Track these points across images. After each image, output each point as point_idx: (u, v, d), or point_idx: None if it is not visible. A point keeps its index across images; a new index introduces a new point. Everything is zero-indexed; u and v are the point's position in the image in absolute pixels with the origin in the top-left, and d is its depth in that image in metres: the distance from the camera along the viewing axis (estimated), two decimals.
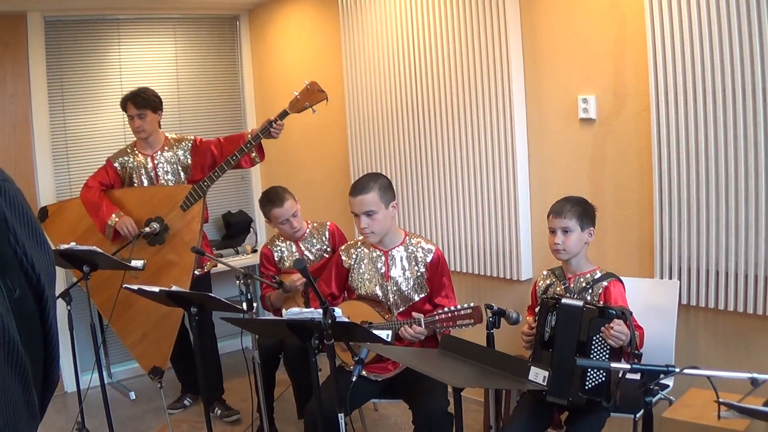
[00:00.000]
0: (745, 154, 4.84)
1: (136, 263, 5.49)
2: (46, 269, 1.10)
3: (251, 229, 8.51)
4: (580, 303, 4.46)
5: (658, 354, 4.85)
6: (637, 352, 4.23)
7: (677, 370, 3.40)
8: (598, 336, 4.36)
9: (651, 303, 5.21)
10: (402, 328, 4.88)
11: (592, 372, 4.38)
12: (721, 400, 3.29)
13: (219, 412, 6.62)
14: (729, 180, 4.94)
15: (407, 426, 6.40)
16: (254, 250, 8.26)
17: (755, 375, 3.22)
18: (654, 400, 4.74)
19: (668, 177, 5.20)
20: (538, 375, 3.44)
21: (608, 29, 5.51)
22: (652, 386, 3.40)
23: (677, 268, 5.26)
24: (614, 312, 4.29)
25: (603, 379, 4.40)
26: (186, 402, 7.11)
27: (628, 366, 3.54)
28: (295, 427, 6.52)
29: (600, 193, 5.63)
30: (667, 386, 5.05)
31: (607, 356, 4.40)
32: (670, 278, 5.28)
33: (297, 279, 5.80)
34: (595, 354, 4.39)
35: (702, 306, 5.21)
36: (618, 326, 4.30)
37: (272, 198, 6.04)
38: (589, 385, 4.39)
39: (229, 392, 6.97)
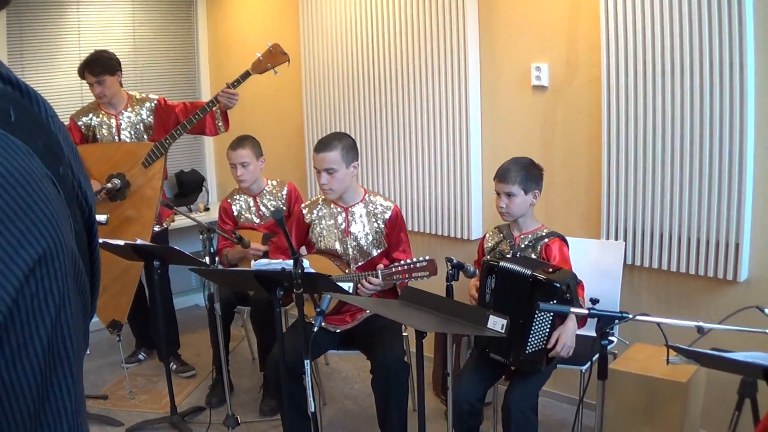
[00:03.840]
0: (691, 124, 5.15)
1: (99, 218, 5.45)
2: (93, 200, 1.19)
3: (203, 188, 8.64)
4: (518, 268, 4.65)
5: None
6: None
7: (631, 316, 3.69)
8: (540, 313, 4.59)
9: (598, 263, 5.52)
10: (361, 280, 5.12)
11: (532, 339, 4.61)
12: (670, 344, 3.55)
13: (174, 367, 6.72)
14: (675, 147, 5.25)
15: (358, 379, 6.66)
16: (206, 209, 8.43)
17: (701, 323, 3.51)
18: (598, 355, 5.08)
19: (616, 144, 5.50)
20: (496, 323, 3.66)
21: (563, 0, 5.78)
22: (607, 330, 3.67)
23: (623, 230, 5.57)
24: (559, 285, 4.47)
25: (542, 346, 4.64)
26: (141, 356, 7.24)
27: (586, 311, 3.81)
28: (249, 380, 6.77)
29: (550, 157, 5.91)
30: (612, 342, 5.33)
31: (550, 322, 4.63)
32: (616, 240, 5.60)
33: (255, 249, 6.00)
34: (537, 322, 4.61)
35: (646, 266, 5.53)
36: (565, 342, 4.61)
37: (235, 141, 6.28)
38: (529, 350, 4.63)
39: (183, 348, 7.11)
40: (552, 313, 4.57)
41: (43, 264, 0.91)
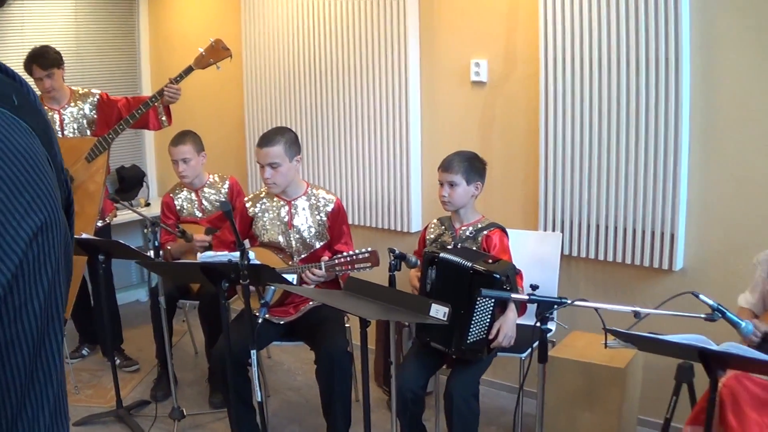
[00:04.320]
0: (626, 117, 5.30)
1: None
2: (69, 182, 1.27)
3: (144, 183, 8.59)
4: (458, 260, 4.74)
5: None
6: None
7: (569, 301, 3.80)
8: (482, 300, 4.66)
9: (536, 254, 5.62)
10: (305, 271, 5.20)
11: (473, 329, 4.69)
12: (607, 327, 3.66)
13: (118, 362, 6.59)
14: (611, 140, 5.39)
15: (300, 371, 6.72)
16: (147, 204, 8.42)
17: (637, 308, 3.62)
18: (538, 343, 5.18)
19: (553, 137, 5.63)
20: (438, 311, 3.75)
21: None
22: (547, 315, 3.78)
23: (560, 221, 5.71)
24: (499, 276, 4.56)
25: (483, 336, 4.74)
26: (84, 351, 7.20)
27: (526, 297, 3.92)
28: (192, 374, 6.79)
29: (489, 151, 5.99)
30: (550, 330, 5.44)
31: (491, 312, 4.72)
32: (554, 231, 5.74)
33: (200, 240, 6.04)
34: (478, 312, 4.69)
35: (583, 257, 5.68)
36: (506, 333, 4.73)
37: (176, 136, 6.32)
38: (471, 340, 4.72)
39: (125, 343, 7.11)
40: (493, 304, 4.68)
41: (44, 231, 1.02)
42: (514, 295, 4.03)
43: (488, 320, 4.72)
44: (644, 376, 5.40)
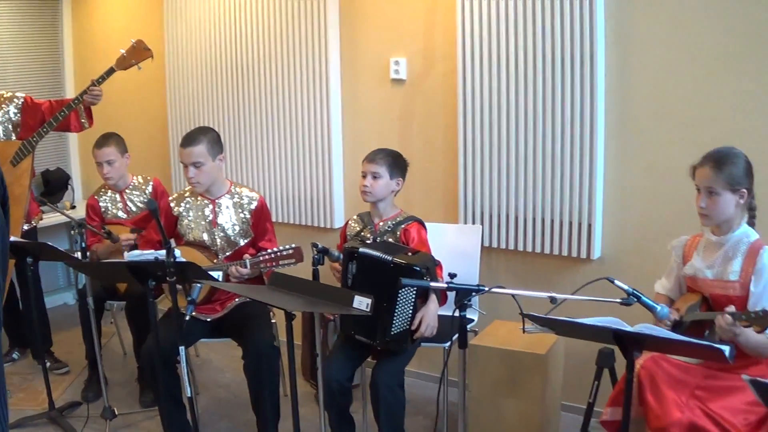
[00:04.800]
0: (543, 112, 5.42)
1: None
2: (3, 179, 1.24)
3: (69, 186, 8.48)
4: (378, 254, 4.79)
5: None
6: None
7: (486, 288, 3.86)
8: (405, 289, 4.71)
9: (456, 246, 5.70)
10: (230, 269, 5.22)
11: (396, 321, 4.75)
12: (524, 312, 3.72)
13: (48, 364, 6.43)
14: (528, 135, 5.50)
15: (229, 369, 6.73)
16: (73, 206, 8.31)
17: (554, 294, 3.69)
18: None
19: (471, 133, 5.72)
20: (361, 302, 3.80)
21: None
22: (465, 302, 3.83)
23: (480, 214, 5.81)
24: (419, 269, 4.62)
25: (407, 327, 4.79)
26: (14, 355, 7.13)
27: (444, 285, 3.98)
28: (122, 374, 6.76)
29: (409, 147, 6.07)
30: (473, 320, 5.52)
31: (413, 304, 4.78)
32: (474, 223, 5.82)
33: (126, 239, 6.01)
34: (400, 304, 4.74)
35: (503, 248, 5.78)
36: (429, 323, 4.81)
37: (99, 139, 6.30)
38: (394, 332, 4.77)
39: (54, 345, 7.06)
40: (414, 295, 4.73)
41: None
42: (432, 284, 4.10)
43: (410, 312, 4.78)
44: (566, 363, 5.48)
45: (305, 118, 6.61)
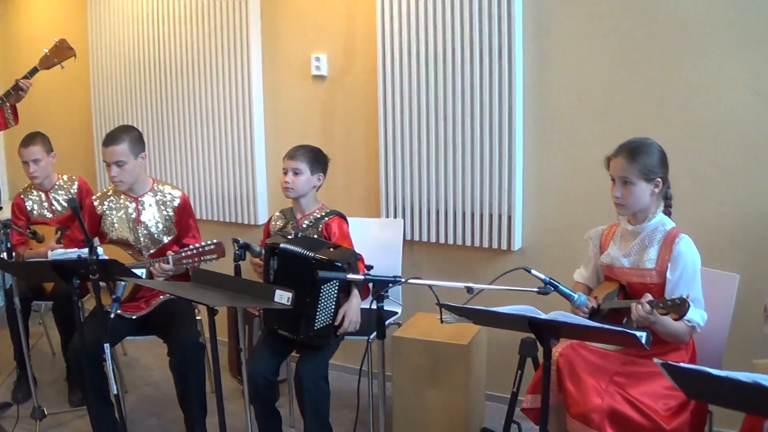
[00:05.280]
0: (462, 106, 5.45)
1: None
2: None
3: None
4: (299, 249, 4.75)
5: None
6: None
7: (403, 279, 3.85)
8: (327, 284, 4.70)
9: (379, 240, 5.71)
10: (153, 266, 5.17)
11: (320, 316, 4.73)
12: (441, 302, 3.71)
13: None
14: (447, 129, 5.52)
15: (156, 366, 6.69)
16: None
17: (470, 284, 3.68)
18: (390, 321, 5.25)
19: (392, 128, 5.73)
20: (282, 296, 3.78)
21: None
22: (382, 293, 3.81)
23: (401, 208, 5.82)
24: (340, 264, 4.60)
25: (330, 322, 4.78)
26: None
27: (362, 277, 3.97)
28: (51, 374, 6.67)
29: (331, 142, 6.09)
30: (396, 313, 5.56)
31: (335, 299, 4.77)
32: (395, 217, 5.84)
33: (51, 247, 5.92)
34: (323, 299, 4.72)
35: (425, 241, 5.80)
36: (351, 318, 4.79)
37: (25, 138, 6.23)
38: (318, 326, 4.75)
39: None
40: (336, 290, 4.72)
41: None
42: (349, 276, 4.07)
43: (333, 307, 4.77)
44: (490, 353, 5.50)
45: (228, 115, 6.59)
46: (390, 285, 3.85)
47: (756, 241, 4.93)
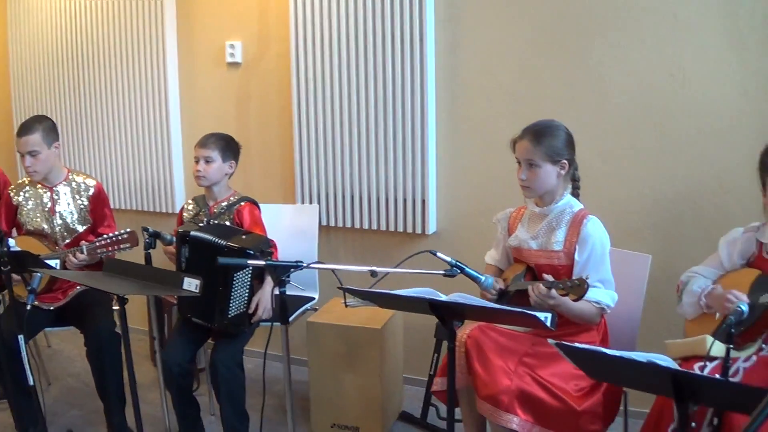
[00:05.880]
0: (375, 92, 5.50)
1: None
2: None
3: None
4: (210, 237, 4.70)
5: (302, 274, 5.26)
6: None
7: (305, 264, 3.80)
8: (240, 272, 4.67)
9: (295, 226, 5.68)
10: (68, 256, 5.10)
11: (233, 304, 4.70)
12: (343, 286, 3.69)
13: None
14: (360, 115, 5.54)
15: (79, 358, 6.59)
16: None
17: (374, 268, 3.65)
18: (302, 310, 5.21)
19: (306, 114, 5.72)
20: (191, 284, 3.75)
21: None
22: (283, 278, 3.77)
23: (316, 193, 5.81)
24: (252, 252, 4.53)
25: (244, 309, 4.75)
26: None
27: (262, 262, 3.92)
28: None
29: (246, 129, 6.08)
30: (314, 299, 5.53)
31: (249, 286, 4.74)
32: (311, 203, 5.81)
33: None
34: (236, 288, 4.69)
35: (341, 226, 5.79)
36: (265, 306, 4.77)
37: None
38: (232, 314, 4.72)
39: None
40: (250, 278, 4.70)
41: None
42: (250, 261, 4.03)
43: (247, 294, 4.75)
44: (407, 336, 5.50)
45: (144, 103, 6.53)
46: (291, 270, 3.81)
47: (670, 221, 4.97)
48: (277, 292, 4.11)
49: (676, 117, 4.86)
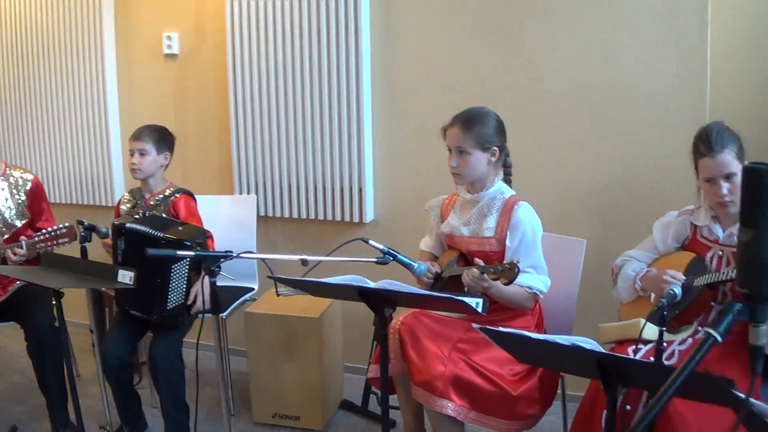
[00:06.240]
0: (310, 82, 5.52)
1: None
2: None
3: None
4: (146, 229, 4.66)
5: (241, 265, 5.28)
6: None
7: (235, 254, 3.79)
8: (178, 264, 4.65)
9: (233, 217, 5.68)
10: (7, 251, 5.06)
11: (171, 295, 4.68)
12: (274, 276, 3.69)
13: None
14: (296, 105, 5.54)
15: (23, 353, 6.47)
16: None
17: (305, 257, 3.65)
18: (241, 300, 5.21)
19: (242, 104, 5.71)
20: (125, 276, 3.76)
21: None
22: (213, 268, 3.77)
23: (254, 184, 5.79)
24: (189, 243, 4.50)
25: (182, 301, 4.73)
26: None
27: (192, 253, 3.91)
28: None
29: (184, 121, 6.07)
30: (253, 289, 5.52)
31: (186, 278, 4.72)
32: (249, 194, 5.80)
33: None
34: (174, 279, 4.66)
35: (278, 216, 5.78)
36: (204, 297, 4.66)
37: None
38: (170, 306, 4.70)
39: None
40: (188, 270, 4.68)
41: None
42: (179, 252, 3.99)
43: (185, 286, 4.73)
44: (347, 325, 5.51)
45: (82, 96, 6.46)
46: (221, 260, 3.81)
47: (606, 206, 5.01)
48: (207, 283, 4.14)
49: (611, 102, 4.90)
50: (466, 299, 3.21)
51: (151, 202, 5.15)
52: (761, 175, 1.75)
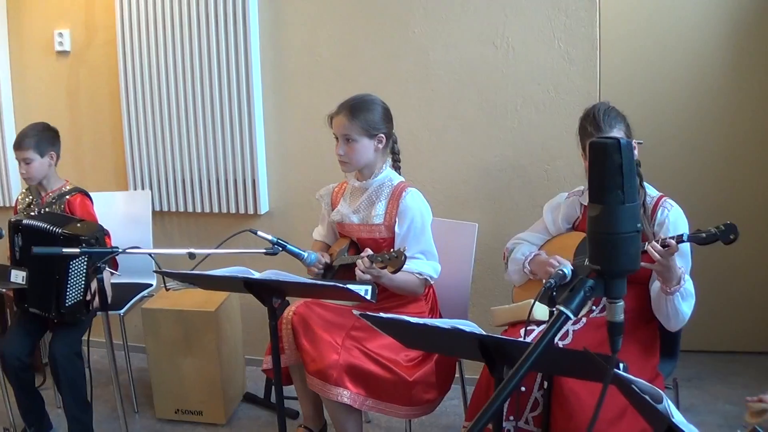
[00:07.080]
0: (201, 75, 5.52)
1: None
2: None
3: None
4: (44, 225, 4.55)
5: (138, 260, 5.21)
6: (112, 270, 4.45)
7: (120, 249, 3.76)
8: (76, 260, 4.55)
9: (128, 213, 5.62)
10: None
11: (70, 292, 4.59)
12: (160, 270, 3.66)
13: None
14: (188, 99, 5.54)
15: None
16: None
17: (192, 250, 3.62)
18: (139, 297, 5.19)
19: (134, 100, 5.66)
20: (17, 276, 3.72)
21: None
22: (99, 265, 3.74)
23: (148, 179, 5.73)
24: (87, 239, 4.42)
25: (81, 298, 4.64)
26: None
27: (77, 250, 3.87)
28: None
29: (77, 118, 5.98)
30: (151, 285, 5.47)
31: (84, 274, 4.62)
32: (143, 189, 5.74)
33: None
34: (72, 276, 4.56)
35: (174, 211, 5.74)
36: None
37: None
38: (69, 303, 4.60)
39: None
40: (85, 266, 4.60)
41: None
42: (64, 249, 3.93)
43: (83, 282, 4.65)
44: (247, 317, 5.49)
45: None
46: (107, 256, 3.78)
47: (498, 189, 5.04)
48: (94, 282, 4.10)
49: (500, 86, 4.94)
50: (353, 287, 3.22)
51: (47, 200, 5.08)
52: (607, 150, 1.76)
